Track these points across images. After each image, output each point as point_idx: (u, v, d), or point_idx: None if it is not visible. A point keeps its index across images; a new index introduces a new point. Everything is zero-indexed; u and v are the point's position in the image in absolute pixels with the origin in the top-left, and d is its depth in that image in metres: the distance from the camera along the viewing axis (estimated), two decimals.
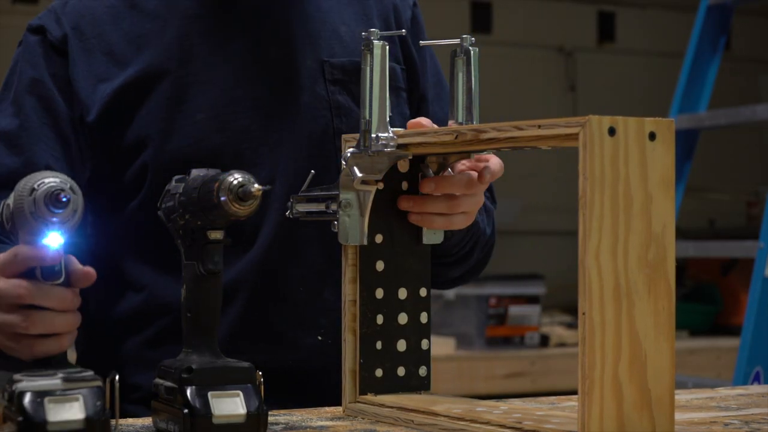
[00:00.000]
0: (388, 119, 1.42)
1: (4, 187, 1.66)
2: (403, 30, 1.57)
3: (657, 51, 6.24)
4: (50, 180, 1.19)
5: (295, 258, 1.70)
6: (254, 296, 1.69)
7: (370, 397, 1.44)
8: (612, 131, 1.16)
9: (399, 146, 1.42)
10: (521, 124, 1.25)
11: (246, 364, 1.28)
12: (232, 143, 1.69)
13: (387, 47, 1.43)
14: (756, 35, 6.40)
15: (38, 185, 1.19)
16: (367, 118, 1.41)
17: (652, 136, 1.18)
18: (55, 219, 1.18)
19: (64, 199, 1.18)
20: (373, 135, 1.41)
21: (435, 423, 1.33)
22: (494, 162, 1.53)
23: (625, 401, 1.16)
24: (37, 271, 1.21)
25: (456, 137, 1.33)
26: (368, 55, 1.42)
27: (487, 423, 1.28)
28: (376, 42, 1.42)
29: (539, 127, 1.22)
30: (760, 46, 6.45)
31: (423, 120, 1.53)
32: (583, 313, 1.15)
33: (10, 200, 1.22)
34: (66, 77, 1.71)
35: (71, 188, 1.19)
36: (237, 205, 1.25)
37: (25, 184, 1.19)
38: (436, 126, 1.49)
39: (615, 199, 1.16)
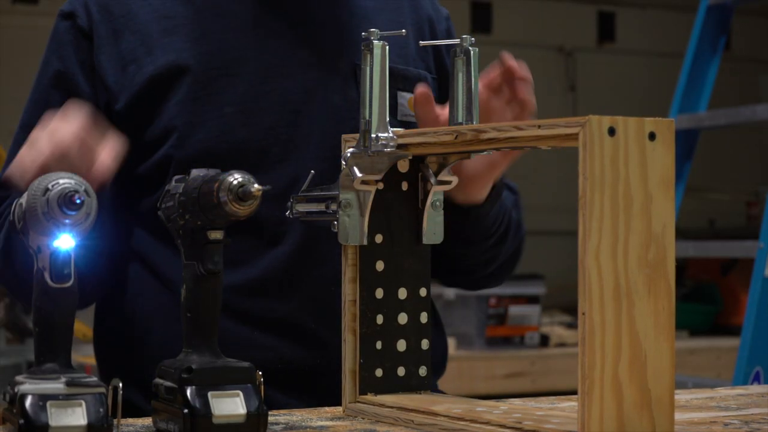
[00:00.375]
0: (387, 119, 1.42)
1: None
2: (403, 30, 1.57)
3: (657, 51, 6.25)
4: (65, 181, 1.18)
5: (324, 256, 1.70)
6: (282, 293, 1.69)
7: (370, 397, 1.44)
8: (612, 131, 1.16)
9: (399, 146, 1.42)
10: (521, 124, 1.25)
11: (246, 364, 1.28)
12: (258, 138, 1.68)
13: (387, 47, 1.43)
14: (756, 35, 6.41)
15: (52, 185, 1.18)
16: (367, 118, 1.41)
17: (652, 136, 1.18)
18: (67, 221, 1.18)
19: (77, 201, 1.17)
20: (373, 135, 1.41)
21: (435, 423, 1.33)
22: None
23: (625, 401, 1.16)
24: (46, 274, 1.21)
25: (456, 137, 1.33)
26: (368, 55, 1.42)
27: (487, 423, 1.28)
28: (375, 42, 1.42)
29: (539, 127, 1.22)
30: (760, 46, 6.45)
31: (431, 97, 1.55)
32: (583, 313, 1.15)
33: (23, 199, 1.21)
34: (93, 64, 1.71)
35: (86, 191, 1.18)
36: (237, 205, 1.25)
37: (39, 183, 1.18)
38: (445, 110, 1.50)
39: (615, 199, 1.16)
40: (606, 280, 1.15)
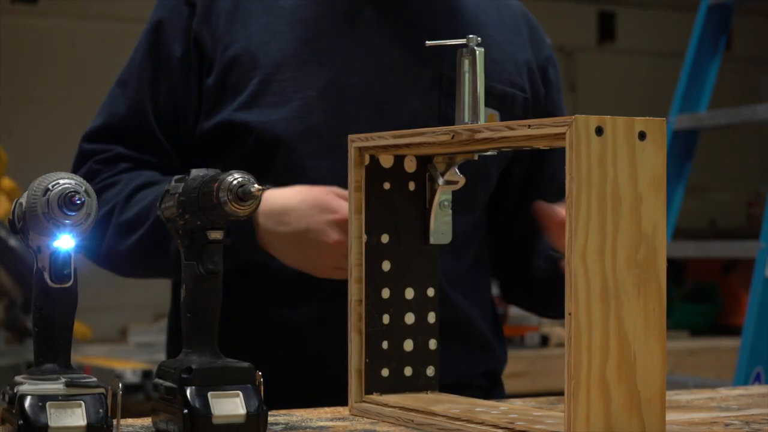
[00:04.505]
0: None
1: (114, 134, 1.75)
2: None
3: (657, 51, 6.25)
4: (65, 181, 1.18)
5: None
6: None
7: (375, 396, 1.44)
8: (599, 131, 1.15)
9: (399, 146, 1.42)
10: (512, 124, 1.25)
11: (246, 364, 1.28)
12: (336, 125, 1.69)
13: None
14: (756, 35, 6.40)
15: (53, 186, 1.18)
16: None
17: (642, 136, 1.17)
18: (67, 221, 1.18)
19: (78, 202, 1.17)
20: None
21: (433, 423, 1.33)
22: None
23: (613, 402, 1.15)
24: (46, 275, 1.20)
25: (452, 137, 1.33)
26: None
27: (482, 423, 1.28)
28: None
29: (529, 126, 1.22)
30: (760, 46, 6.45)
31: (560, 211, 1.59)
32: (569, 314, 1.14)
33: (23, 199, 1.21)
34: (192, 31, 1.74)
35: (86, 191, 1.18)
36: (237, 205, 1.24)
37: (39, 183, 1.18)
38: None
39: (602, 199, 1.15)
40: (593, 280, 1.14)
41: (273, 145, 1.69)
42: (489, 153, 1.47)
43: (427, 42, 1.76)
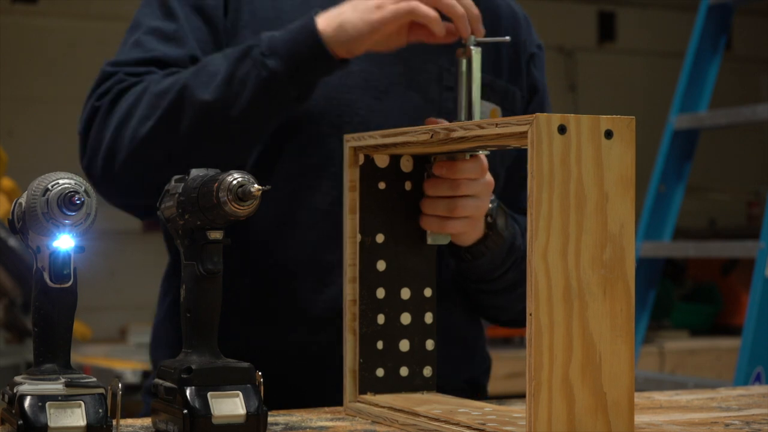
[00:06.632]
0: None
1: (152, 64, 1.71)
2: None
3: (657, 51, 6.25)
4: (65, 181, 1.18)
5: None
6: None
7: (368, 396, 1.44)
8: (562, 129, 1.14)
9: (384, 146, 1.42)
10: (483, 122, 1.24)
11: (245, 365, 1.28)
12: (334, 110, 1.69)
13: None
14: (756, 35, 6.40)
15: (52, 185, 1.18)
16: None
17: (608, 134, 1.15)
18: (67, 221, 1.17)
19: (77, 202, 1.17)
20: None
21: (415, 423, 1.33)
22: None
23: (577, 404, 1.14)
24: (46, 275, 1.20)
25: (431, 136, 1.33)
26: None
27: (457, 424, 1.28)
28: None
29: (497, 125, 1.21)
30: (760, 46, 6.45)
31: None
32: (530, 314, 1.13)
33: (23, 199, 1.21)
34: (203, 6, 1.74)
35: (86, 191, 1.18)
36: (236, 205, 1.24)
37: (38, 183, 1.18)
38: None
39: (565, 199, 1.14)
40: (555, 280, 1.13)
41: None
42: (481, 153, 1.47)
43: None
